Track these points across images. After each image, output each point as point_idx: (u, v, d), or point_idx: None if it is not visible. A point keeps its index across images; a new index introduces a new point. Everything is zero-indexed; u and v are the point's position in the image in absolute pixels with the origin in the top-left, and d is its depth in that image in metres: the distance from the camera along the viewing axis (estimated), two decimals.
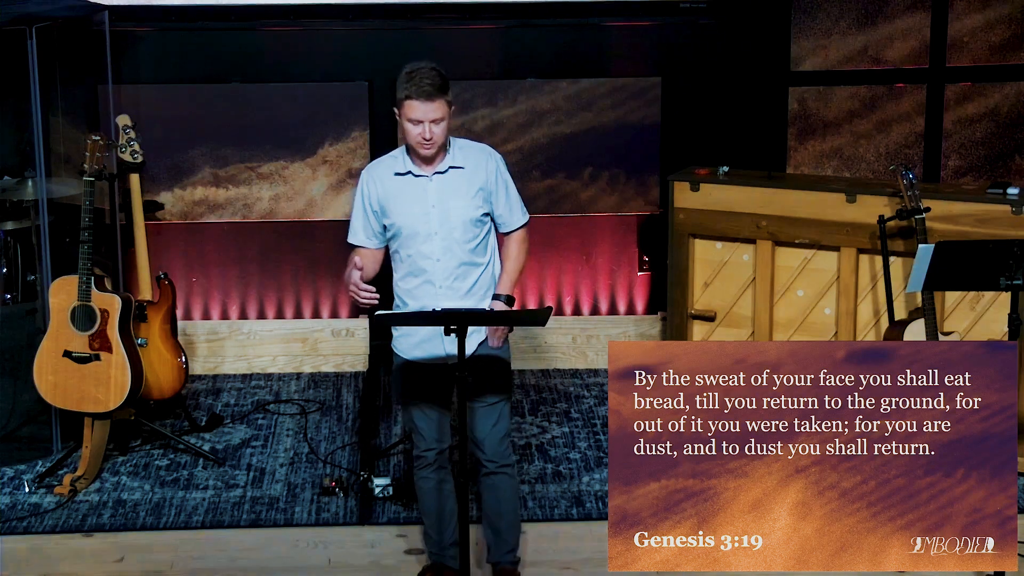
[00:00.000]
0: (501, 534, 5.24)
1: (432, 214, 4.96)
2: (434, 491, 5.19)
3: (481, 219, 5.02)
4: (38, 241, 6.41)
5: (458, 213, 4.97)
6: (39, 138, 6.35)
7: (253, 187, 7.45)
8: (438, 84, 4.84)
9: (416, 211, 4.97)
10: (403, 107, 4.88)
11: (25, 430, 6.43)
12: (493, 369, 5.13)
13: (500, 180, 5.07)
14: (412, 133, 4.88)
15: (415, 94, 4.83)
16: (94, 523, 5.88)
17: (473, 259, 5.03)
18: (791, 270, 6.55)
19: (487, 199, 5.03)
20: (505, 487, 5.19)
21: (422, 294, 5.01)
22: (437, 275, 4.99)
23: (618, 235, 7.63)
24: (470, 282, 5.03)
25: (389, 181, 5.01)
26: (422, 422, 5.13)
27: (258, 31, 7.36)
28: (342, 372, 7.52)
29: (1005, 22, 7.49)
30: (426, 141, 4.88)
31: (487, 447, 5.14)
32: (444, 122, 4.88)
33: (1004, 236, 5.96)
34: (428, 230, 4.96)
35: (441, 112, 4.86)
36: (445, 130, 4.91)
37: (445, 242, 4.97)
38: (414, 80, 4.83)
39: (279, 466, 6.41)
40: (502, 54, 7.44)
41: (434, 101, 4.83)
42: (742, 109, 7.46)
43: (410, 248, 5.00)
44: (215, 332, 7.47)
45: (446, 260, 4.98)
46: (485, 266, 5.07)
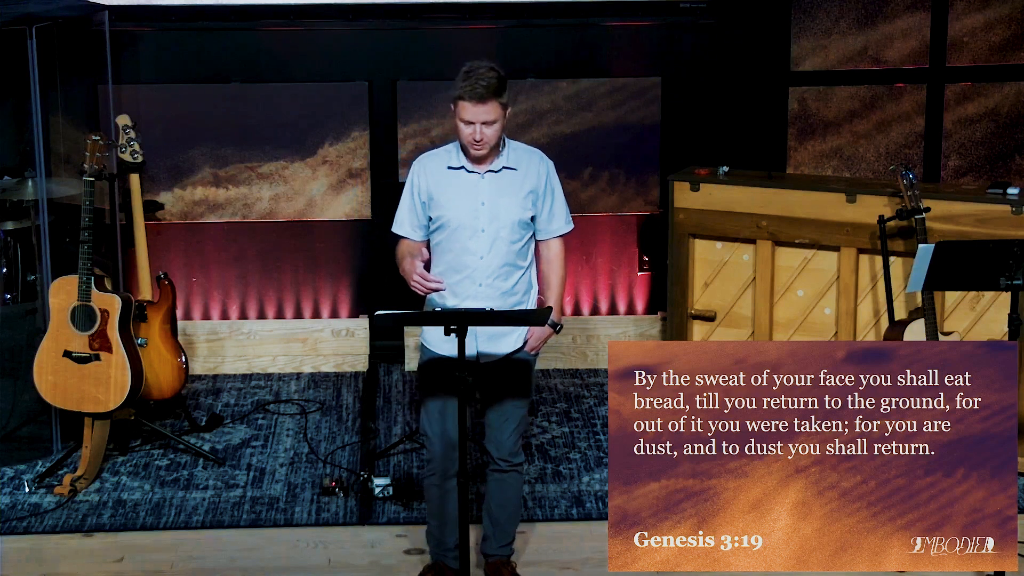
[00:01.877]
0: (501, 525, 5.26)
1: (481, 211, 4.96)
2: (440, 495, 5.19)
3: (528, 222, 5.04)
4: (38, 241, 6.41)
5: (507, 213, 4.97)
6: (39, 138, 6.35)
7: (253, 187, 7.45)
8: (493, 86, 4.83)
9: (466, 206, 4.96)
10: (456, 106, 4.87)
11: (25, 430, 6.43)
12: (521, 374, 5.13)
13: (549, 185, 5.08)
14: (464, 133, 4.88)
15: (467, 95, 4.82)
16: (94, 523, 5.88)
17: (516, 261, 5.03)
18: (791, 270, 6.55)
19: (535, 203, 5.03)
20: (512, 483, 5.22)
21: (462, 290, 5.00)
22: (480, 272, 4.98)
23: (618, 235, 7.63)
24: (511, 283, 5.04)
25: (440, 174, 5.00)
26: (436, 426, 5.11)
27: (258, 31, 7.36)
28: (342, 372, 7.52)
29: (1005, 22, 7.49)
30: (476, 142, 4.87)
31: (504, 448, 5.14)
32: (497, 124, 4.87)
33: (1004, 236, 5.96)
34: (476, 226, 4.96)
35: (494, 114, 4.85)
36: (498, 131, 4.91)
37: (491, 240, 4.97)
38: (469, 80, 4.82)
39: (279, 466, 6.41)
40: (502, 54, 7.44)
41: (486, 103, 4.82)
42: (742, 109, 7.46)
43: (455, 242, 4.98)
44: (215, 332, 7.47)
45: (490, 258, 4.98)
46: (525, 270, 5.09)
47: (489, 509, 5.27)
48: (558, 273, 5.15)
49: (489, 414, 5.14)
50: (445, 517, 5.19)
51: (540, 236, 5.12)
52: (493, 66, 4.87)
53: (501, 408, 5.12)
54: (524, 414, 5.17)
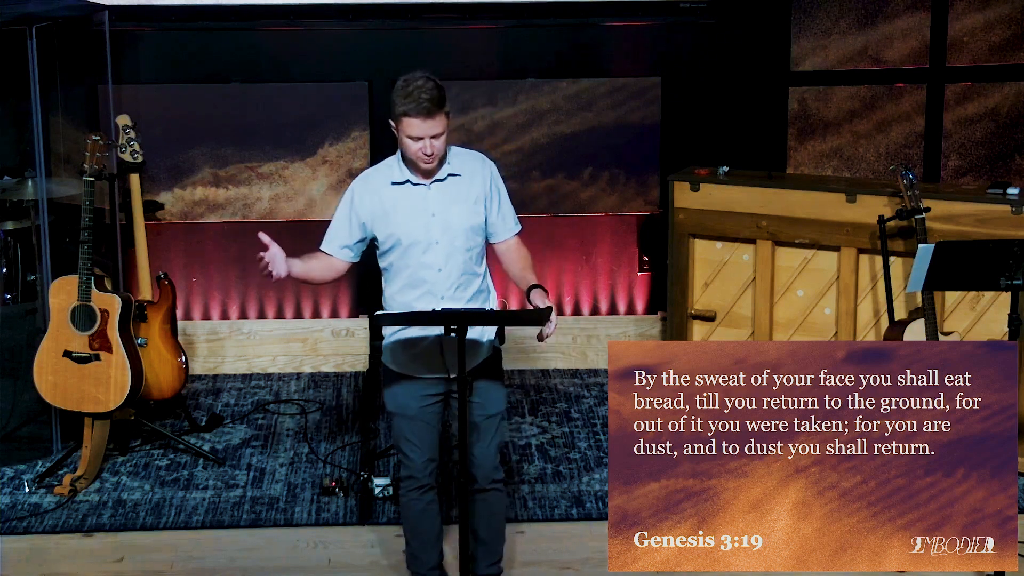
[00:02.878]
0: (488, 545, 5.12)
1: (433, 223, 4.84)
2: (421, 513, 5.05)
3: (481, 226, 4.92)
4: (38, 241, 6.41)
5: (460, 220, 4.85)
6: (39, 138, 6.35)
7: (253, 187, 7.46)
8: (436, 98, 4.68)
9: (416, 220, 4.84)
10: (401, 123, 4.72)
11: (25, 430, 6.44)
12: (493, 383, 5.01)
13: (495, 187, 4.94)
14: (412, 148, 4.74)
15: (413, 111, 4.67)
16: (94, 523, 5.88)
17: (474, 268, 4.92)
18: (791, 270, 6.55)
19: (486, 205, 4.92)
20: (496, 501, 5.07)
21: (423, 306, 4.85)
22: (439, 285, 4.86)
23: (618, 235, 7.63)
24: (472, 291, 4.93)
25: (386, 191, 4.87)
26: (412, 439, 4.97)
27: (258, 31, 7.36)
28: (342, 372, 7.52)
29: (1005, 22, 7.49)
30: (427, 156, 4.74)
31: (484, 466, 4.99)
32: (444, 135, 4.75)
33: (1004, 236, 5.96)
34: (429, 239, 4.84)
35: (441, 126, 4.72)
36: (444, 142, 4.78)
37: (447, 251, 4.85)
38: (412, 95, 4.67)
39: (279, 466, 6.41)
40: (502, 54, 7.44)
41: (434, 117, 4.69)
42: (742, 109, 7.46)
43: (409, 259, 4.86)
44: (215, 332, 7.48)
45: (448, 269, 4.86)
46: (483, 276, 4.98)
47: (475, 530, 5.07)
48: (526, 257, 5.01)
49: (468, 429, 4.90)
50: (428, 535, 5.08)
51: (494, 239, 4.98)
52: (430, 76, 4.72)
53: (476, 426, 4.95)
54: (502, 423, 5.03)
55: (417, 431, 4.96)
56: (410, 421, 4.97)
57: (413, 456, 4.98)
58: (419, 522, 5.07)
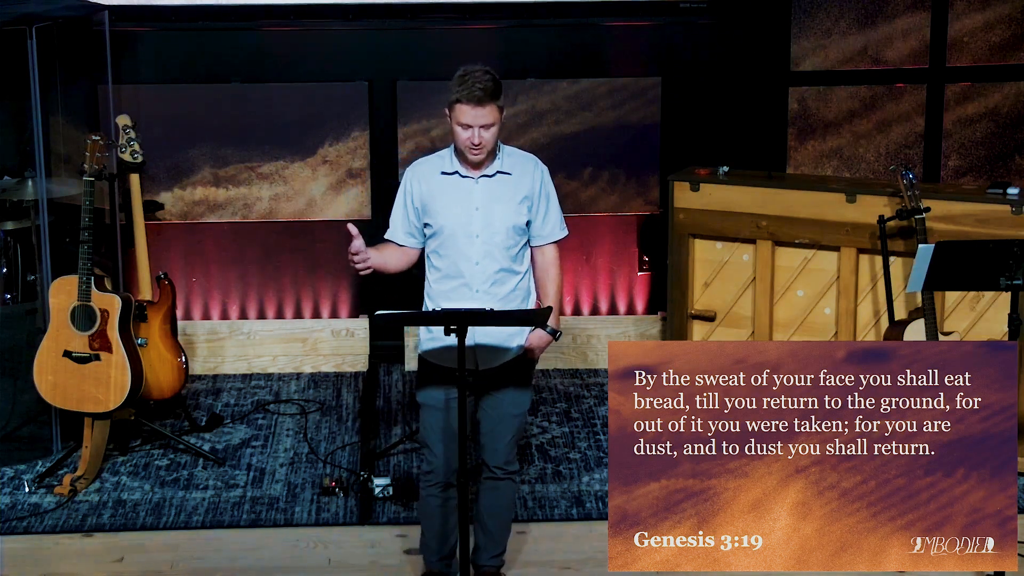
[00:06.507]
0: (492, 535, 5.21)
1: (475, 217, 4.93)
2: (438, 508, 5.15)
3: (523, 227, 5.00)
4: (38, 241, 6.41)
5: (502, 218, 4.94)
6: (39, 138, 6.35)
7: (253, 187, 7.46)
8: (490, 89, 4.79)
9: (459, 212, 4.93)
10: (453, 110, 4.84)
11: (25, 430, 6.43)
12: (520, 382, 5.10)
13: (543, 190, 5.02)
14: (461, 137, 4.85)
15: (465, 98, 4.79)
16: (94, 523, 5.88)
17: (512, 266, 5.00)
18: (791, 270, 6.55)
19: (530, 208, 5.00)
20: (506, 491, 5.17)
21: (458, 297, 4.95)
22: (475, 279, 4.95)
23: (618, 235, 7.63)
24: (507, 288, 5.00)
25: (434, 180, 4.97)
26: (437, 433, 5.07)
27: (258, 31, 7.36)
28: (342, 372, 7.52)
29: (1005, 22, 7.49)
30: (475, 146, 4.84)
31: (500, 456, 5.10)
32: (494, 127, 4.84)
33: (1004, 236, 5.96)
34: (470, 232, 4.93)
35: (492, 117, 4.82)
36: (495, 135, 4.87)
37: (486, 246, 4.93)
38: (466, 83, 4.79)
39: (279, 466, 6.41)
40: (502, 54, 7.44)
41: (484, 106, 4.79)
42: (742, 109, 7.46)
43: (450, 249, 4.95)
44: (215, 332, 7.47)
45: (485, 264, 4.94)
46: (522, 275, 5.05)
47: (480, 518, 5.20)
48: (554, 279, 5.12)
49: (485, 421, 5.10)
50: (444, 527, 5.15)
51: (534, 242, 5.08)
52: (488, 69, 4.84)
53: (498, 415, 5.07)
54: (522, 422, 5.13)
55: (442, 424, 5.04)
56: (437, 413, 5.05)
57: (437, 451, 5.07)
58: (435, 516, 5.16)
